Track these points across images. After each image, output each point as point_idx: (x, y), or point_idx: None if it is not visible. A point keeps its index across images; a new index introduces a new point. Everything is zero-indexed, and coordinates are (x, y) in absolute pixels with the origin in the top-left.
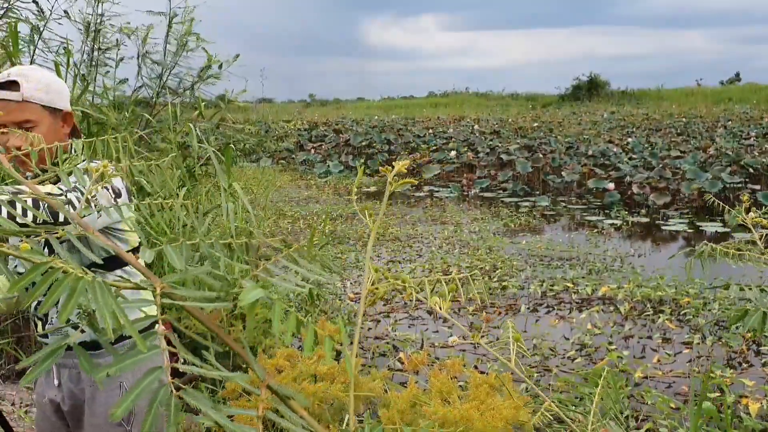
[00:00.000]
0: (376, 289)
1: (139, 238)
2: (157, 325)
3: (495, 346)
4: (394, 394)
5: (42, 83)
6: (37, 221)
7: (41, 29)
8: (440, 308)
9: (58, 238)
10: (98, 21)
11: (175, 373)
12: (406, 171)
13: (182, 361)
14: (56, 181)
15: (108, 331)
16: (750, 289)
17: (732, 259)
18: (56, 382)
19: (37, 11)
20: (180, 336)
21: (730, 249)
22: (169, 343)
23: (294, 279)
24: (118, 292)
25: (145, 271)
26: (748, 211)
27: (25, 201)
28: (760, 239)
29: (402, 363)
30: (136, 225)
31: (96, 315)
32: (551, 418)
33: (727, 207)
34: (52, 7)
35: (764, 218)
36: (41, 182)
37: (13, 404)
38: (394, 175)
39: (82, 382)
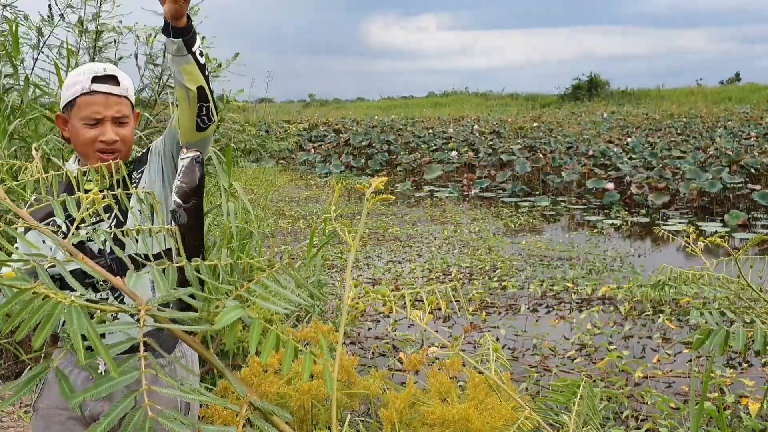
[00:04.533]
0: (357, 303)
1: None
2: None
3: (477, 354)
4: (393, 393)
5: (130, 81)
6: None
7: (48, 34)
8: (420, 320)
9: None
10: (96, 21)
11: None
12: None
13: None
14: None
15: (80, 356)
16: (710, 312)
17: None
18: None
19: (48, 16)
20: None
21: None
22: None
23: (276, 300)
24: (102, 315)
25: (129, 293)
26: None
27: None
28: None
29: (401, 363)
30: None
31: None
32: (532, 426)
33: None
34: (62, 13)
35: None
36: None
37: (12, 404)
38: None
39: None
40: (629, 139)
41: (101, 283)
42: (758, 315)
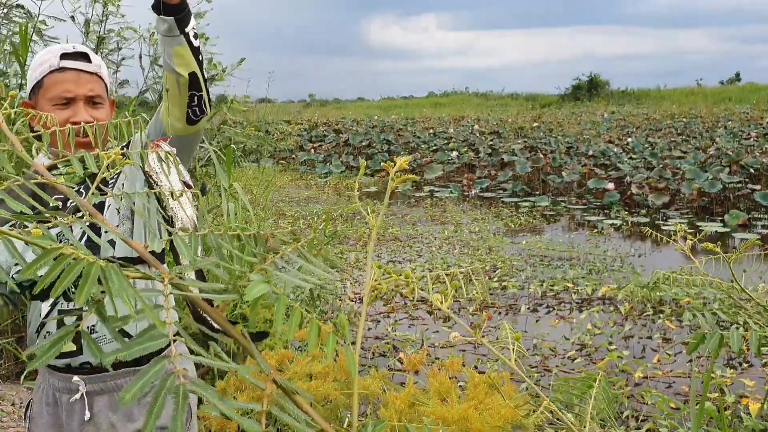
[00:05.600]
0: (379, 284)
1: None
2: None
3: (495, 345)
4: (392, 394)
5: (102, 62)
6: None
7: (32, 30)
8: (441, 304)
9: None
10: (102, 23)
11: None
12: (407, 168)
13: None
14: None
15: (116, 322)
16: (703, 315)
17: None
18: (87, 415)
19: (25, 14)
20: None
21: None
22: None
23: (299, 274)
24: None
25: (153, 261)
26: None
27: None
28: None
29: (402, 363)
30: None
31: (104, 302)
32: (549, 417)
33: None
34: (40, 8)
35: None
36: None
37: (13, 404)
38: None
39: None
40: (629, 139)
41: None
42: (750, 316)
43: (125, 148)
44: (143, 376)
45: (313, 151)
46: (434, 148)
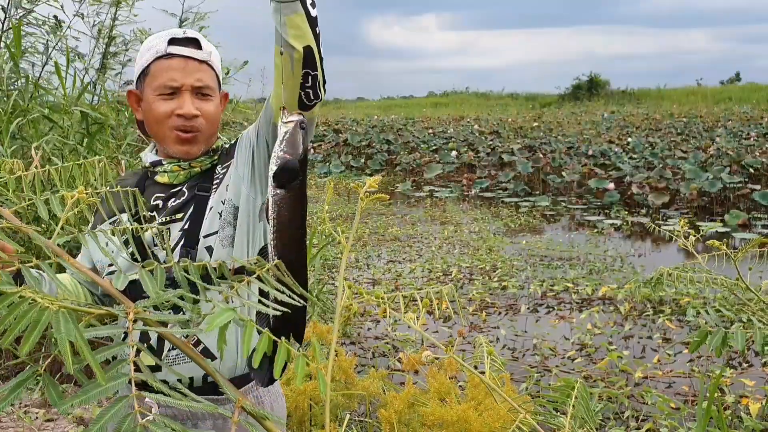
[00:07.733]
0: (351, 305)
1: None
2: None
3: (472, 357)
4: (392, 394)
5: (215, 50)
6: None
7: (56, 41)
8: (414, 323)
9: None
10: (111, 26)
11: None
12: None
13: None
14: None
15: (67, 363)
16: (707, 312)
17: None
18: None
19: (55, 23)
20: None
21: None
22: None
23: (267, 302)
24: (88, 320)
25: (119, 296)
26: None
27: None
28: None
29: (401, 363)
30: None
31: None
32: (529, 428)
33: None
34: (72, 20)
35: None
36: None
37: (12, 404)
38: (366, 192)
39: None
40: (629, 139)
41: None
42: (753, 313)
43: (234, 146)
44: (100, 420)
45: (312, 150)
46: (434, 147)
